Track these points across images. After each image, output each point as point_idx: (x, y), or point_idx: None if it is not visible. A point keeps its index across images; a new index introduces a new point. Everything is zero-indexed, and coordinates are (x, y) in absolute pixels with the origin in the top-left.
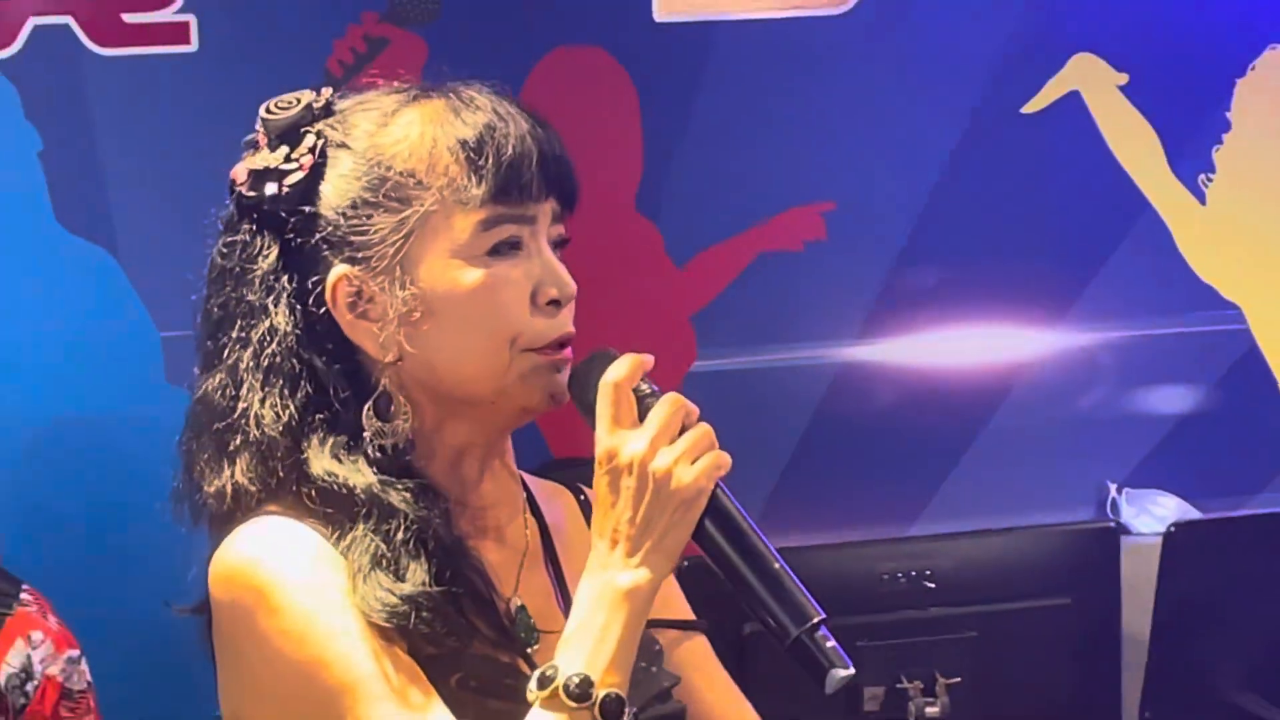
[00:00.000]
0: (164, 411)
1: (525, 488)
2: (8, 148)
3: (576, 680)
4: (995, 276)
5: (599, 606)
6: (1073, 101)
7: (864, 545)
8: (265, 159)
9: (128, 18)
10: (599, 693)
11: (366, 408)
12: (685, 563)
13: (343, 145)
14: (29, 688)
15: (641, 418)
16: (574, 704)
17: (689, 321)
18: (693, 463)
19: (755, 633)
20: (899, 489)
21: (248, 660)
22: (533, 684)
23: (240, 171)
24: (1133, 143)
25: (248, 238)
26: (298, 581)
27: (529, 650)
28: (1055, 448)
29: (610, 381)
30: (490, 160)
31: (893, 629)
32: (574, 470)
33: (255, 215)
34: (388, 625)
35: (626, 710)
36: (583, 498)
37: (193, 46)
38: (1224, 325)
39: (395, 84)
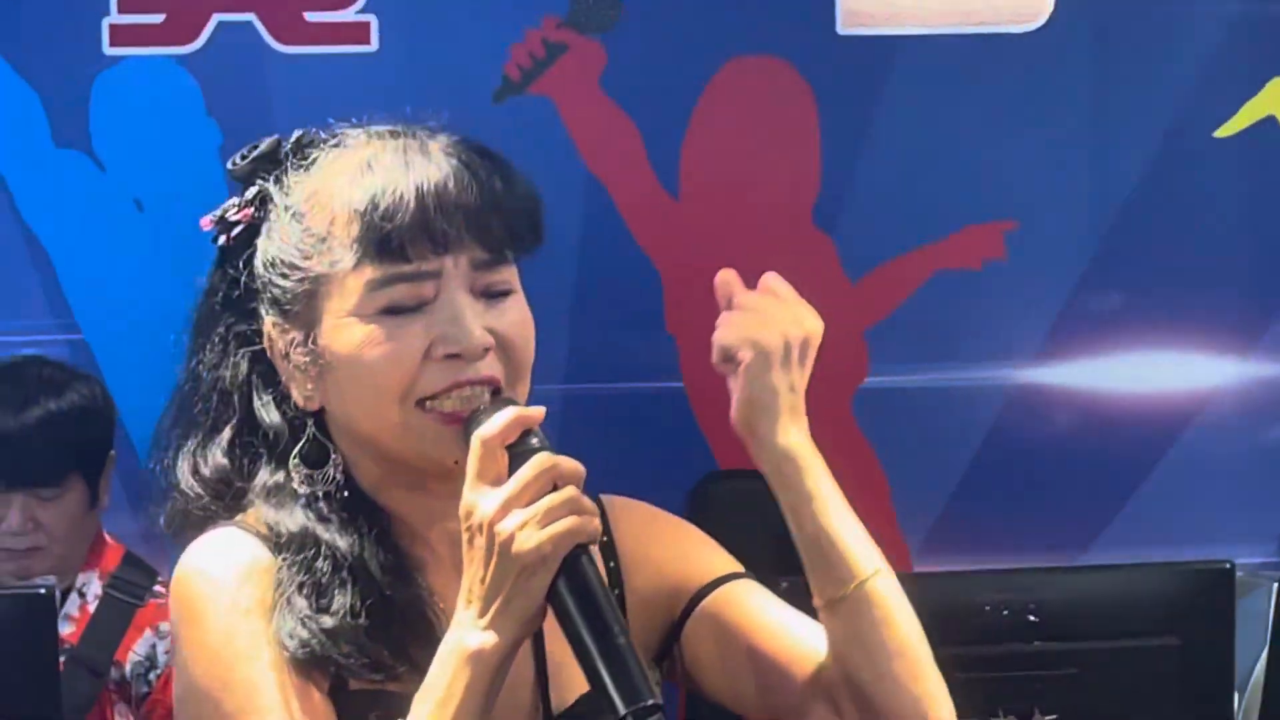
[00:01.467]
0: None
1: None
2: (189, 142)
3: None
4: (1181, 302)
5: (446, 666)
6: (1269, 126)
7: (967, 576)
8: (224, 207)
9: (310, 16)
10: None
11: (294, 454)
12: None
13: (278, 199)
14: (152, 676)
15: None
16: None
17: (862, 337)
18: (543, 528)
19: None
20: (1071, 516)
21: (176, 662)
22: None
23: (206, 220)
24: None
25: (216, 280)
26: (223, 602)
27: None
28: (1237, 481)
29: (478, 436)
30: (381, 218)
31: (993, 662)
32: (735, 482)
33: (220, 261)
34: (300, 654)
35: None
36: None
37: (373, 46)
38: None
39: (349, 126)
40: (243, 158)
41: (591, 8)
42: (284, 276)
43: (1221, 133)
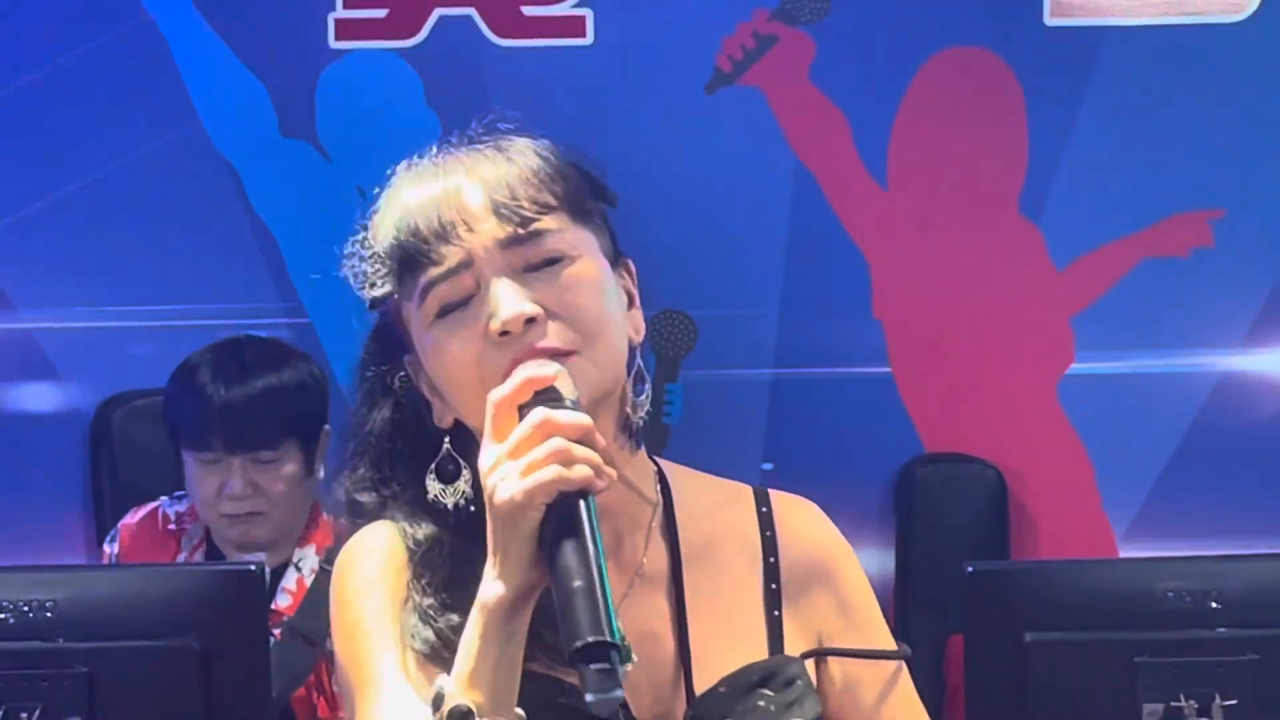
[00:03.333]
0: None
1: (669, 504)
2: (410, 133)
3: (434, 691)
4: None
5: (471, 618)
6: None
7: (1148, 562)
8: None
9: (527, 10)
10: (447, 706)
11: (430, 470)
12: (970, 568)
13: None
14: None
15: None
16: (432, 714)
17: (1069, 324)
18: (522, 478)
19: (1036, 641)
20: (1277, 502)
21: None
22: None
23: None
24: None
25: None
26: (360, 587)
27: (621, 670)
28: None
29: (490, 398)
30: (401, 241)
31: (1173, 647)
32: (940, 466)
33: (379, 316)
34: (419, 650)
35: (456, 712)
36: (765, 509)
37: (588, 40)
38: None
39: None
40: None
41: (802, 0)
42: (397, 316)
43: None
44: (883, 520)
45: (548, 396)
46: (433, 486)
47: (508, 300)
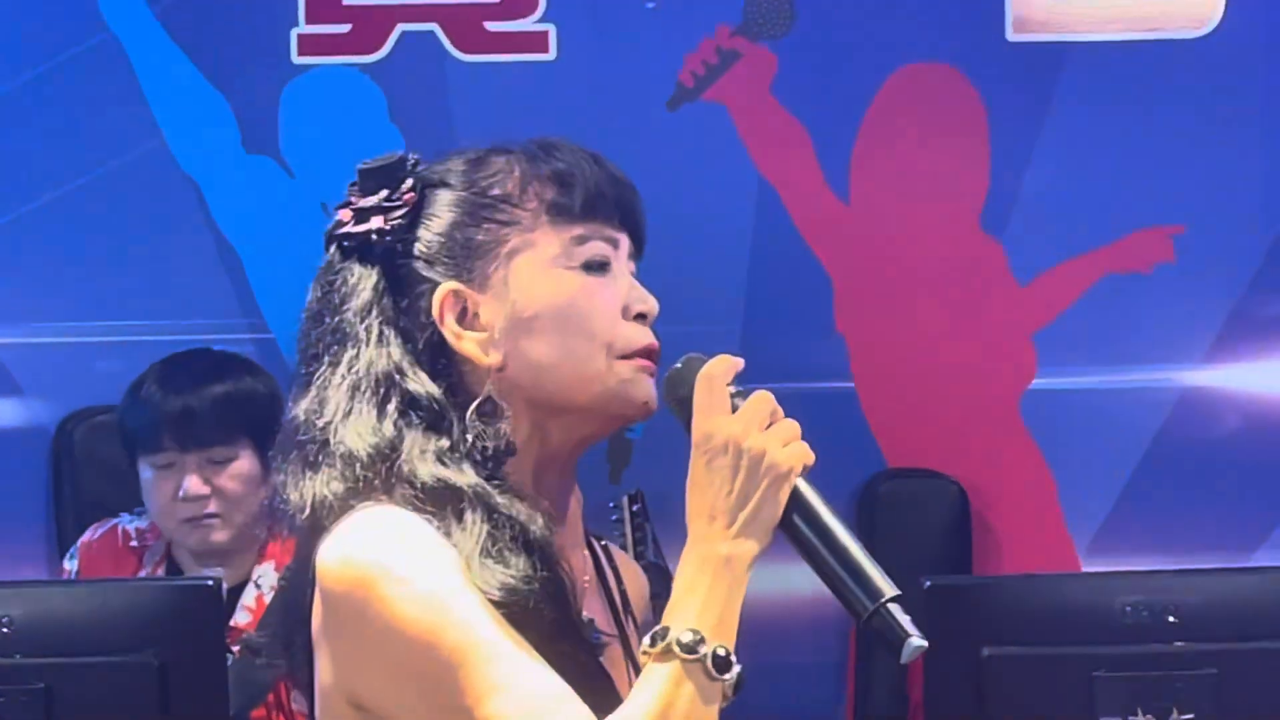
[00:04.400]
0: None
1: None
2: (374, 148)
3: (689, 636)
4: None
5: (703, 574)
6: None
7: (1106, 577)
8: (366, 200)
9: (490, 25)
10: (709, 648)
11: (470, 411)
12: (927, 584)
13: (440, 183)
14: None
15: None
16: (687, 656)
17: (1030, 339)
18: (784, 446)
19: (994, 656)
20: (1239, 518)
21: (368, 640)
22: (645, 643)
23: (345, 213)
24: None
25: (347, 275)
26: (415, 557)
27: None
28: None
29: (706, 374)
30: (580, 184)
31: (1131, 662)
32: (903, 481)
33: (357, 252)
34: (502, 604)
35: (734, 667)
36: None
37: (551, 55)
38: None
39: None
40: (373, 161)
41: (764, 16)
42: (469, 239)
43: None
44: None
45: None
46: (474, 426)
47: (648, 292)
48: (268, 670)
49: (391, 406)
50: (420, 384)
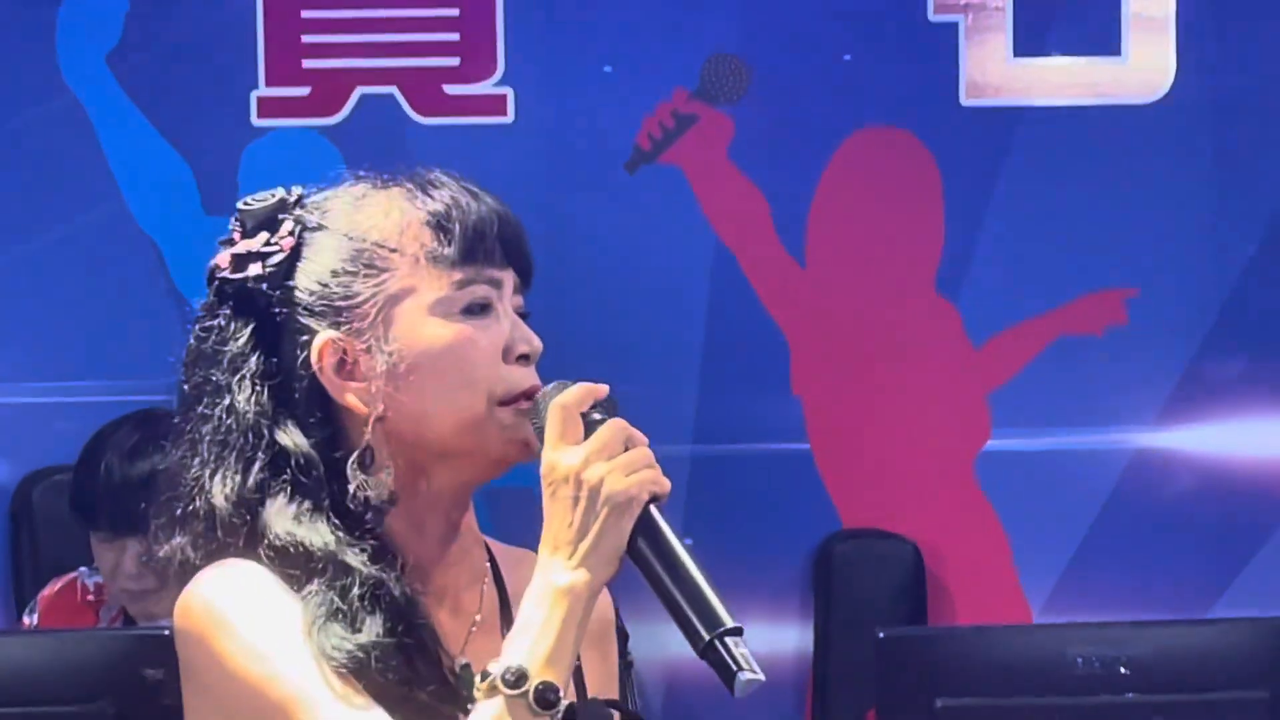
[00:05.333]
0: None
1: (490, 555)
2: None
3: (514, 671)
4: None
5: (538, 607)
6: None
7: (1059, 629)
8: (246, 244)
9: (449, 89)
10: (534, 682)
11: (351, 462)
12: (881, 635)
13: (319, 227)
14: None
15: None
16: (510, 691)
17: (985, 400)
18: (627, 475)
19: (947, 707)
20: (1192, 579)
21: (206, 684)
22: (476, 681)
23: (223, 257)
24: None
25: (223, 321)
26: (252, 606)
27: (470, 707)
28: None
29: (558, 403)
30: (458, 227)
31: (1083, 713)
32: (858, 542)
33: (234, 299)
34: (343, 670)
35: (561, 701)
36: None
37: (509, 118)
38: None
39: (358, 176)
40: (255, 201)
41: (721, 80)
42: (347, 287)
43: None
44: (802, 595)
45: (602, 408)
46: (356, 477)
47: (530, 332)
48: None
49: (258, 464)
50: (290, 438)
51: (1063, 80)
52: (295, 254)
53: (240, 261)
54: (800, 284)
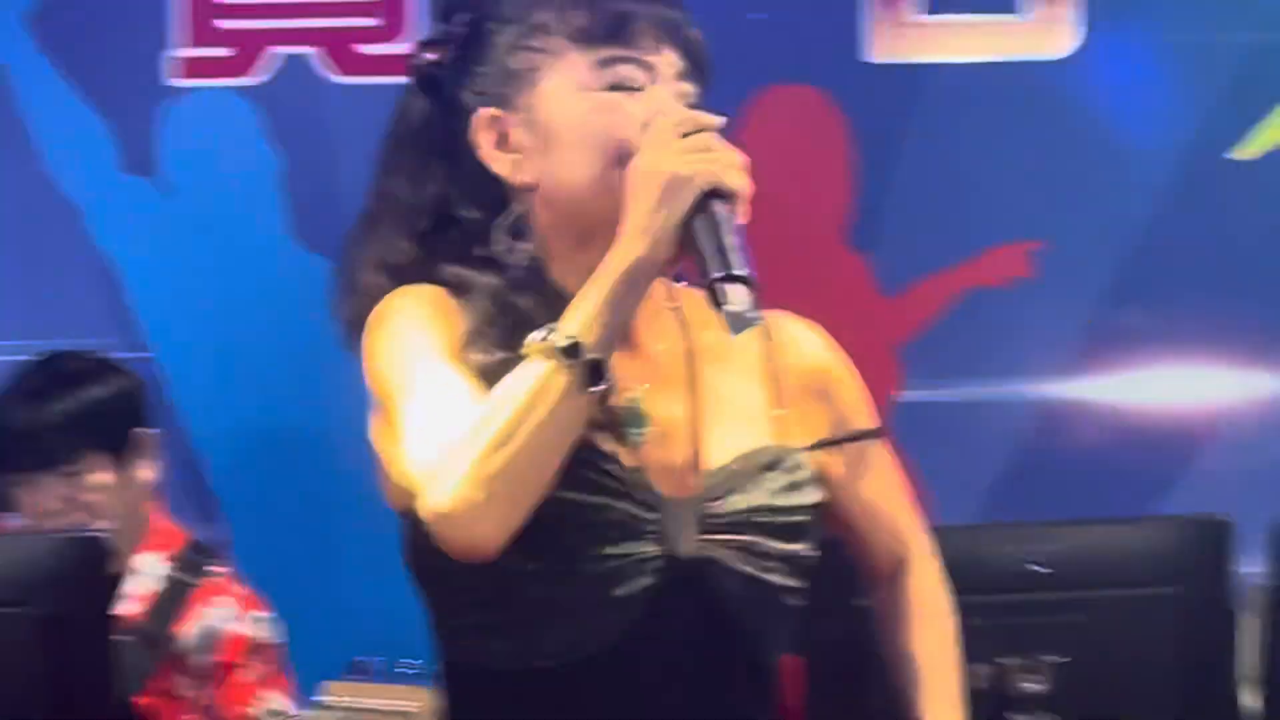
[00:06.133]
0: None
1: (677, 306)
2: (250, 168)
3: (567, 340)
4: (1205, 318)
5: (594, 283)
6: None
7: (978, 530)
8: (431, 32)
9: (365, 49)
10: (559, 340)
11: (496, 223)
12: None
13: (491, 14)
14: (211, 643)
15: None
16: (564, 360)
17: (895, 352)
18: (681, 158)
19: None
20: None
21: (368, 368)
22: (529, 338)
23: (414, 44)
24: None
25: (411, 98)
26: (411, 316)
27: (637, 434)
28: (1261, 490)
29: (656, 122)
30: (607, 7)
31: (1002, 610)
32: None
33: (420, 82)
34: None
35: (583, 355)
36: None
37: None
38: None
39: None
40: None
41: None
42: (506, 65)
43: (1238, 154)
44: None
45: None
46: (502, 241)
47: (690, 111)
48: (152, 656)
49: (424, 227)
50: (453, 207)
51: (968, 38)
52: (469, 37)
53: (423, 46)
54: None
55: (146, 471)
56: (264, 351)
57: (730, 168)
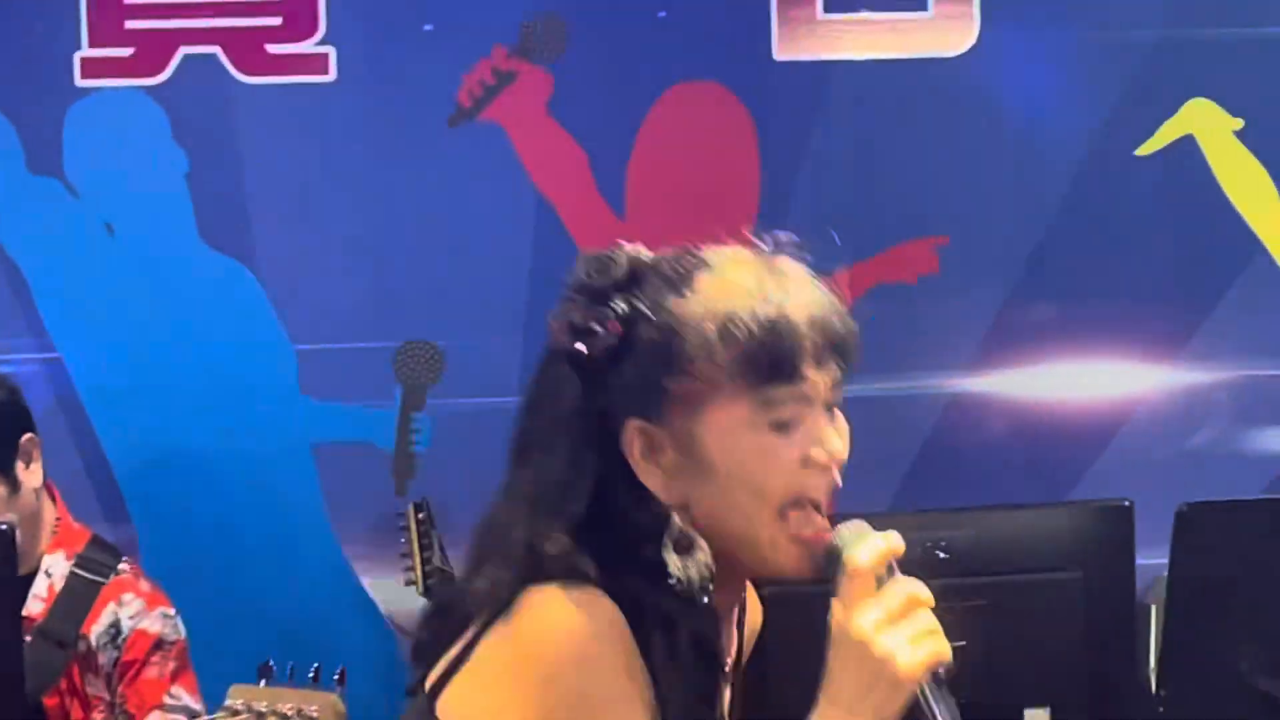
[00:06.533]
0: (296, 419)
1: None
2: (157, 168)
3: None
4: (1109, 313)
5: None
6: (1187, 145)
7: (880, 517)
8: (581, 317)
9: (271, 48)
10: None
11: (665, 545)
12: None
13: (646, 316)
14: (119, 641)
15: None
16: None
17: None
18: (916, 648)
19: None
20: None
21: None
22: None
23: (560, 326)
24: (1247, 186)
25: (557, 378)
26: (596, 658)
27: None
28: (1167, 484)
29: (854, 561)
30: (775, 344)
31: None
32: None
33: (569, 361)
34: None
35: None
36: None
37: (331, 77)
38: None
39: (694, 248)
40: (598, 272)
41: (539, 37)
42: (662, 383)
43: (1143, 151)
44: None
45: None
46: (672, 560)
47: (837, 440)
48: (60, 655)
49: (579, 517)
50: (628, 504)
51: (872, 35)
52: (622, 341)
53: (573, 335)
54: (619, 235)
55: (34, 476)
56: (172, 352)
57: (938, 647)
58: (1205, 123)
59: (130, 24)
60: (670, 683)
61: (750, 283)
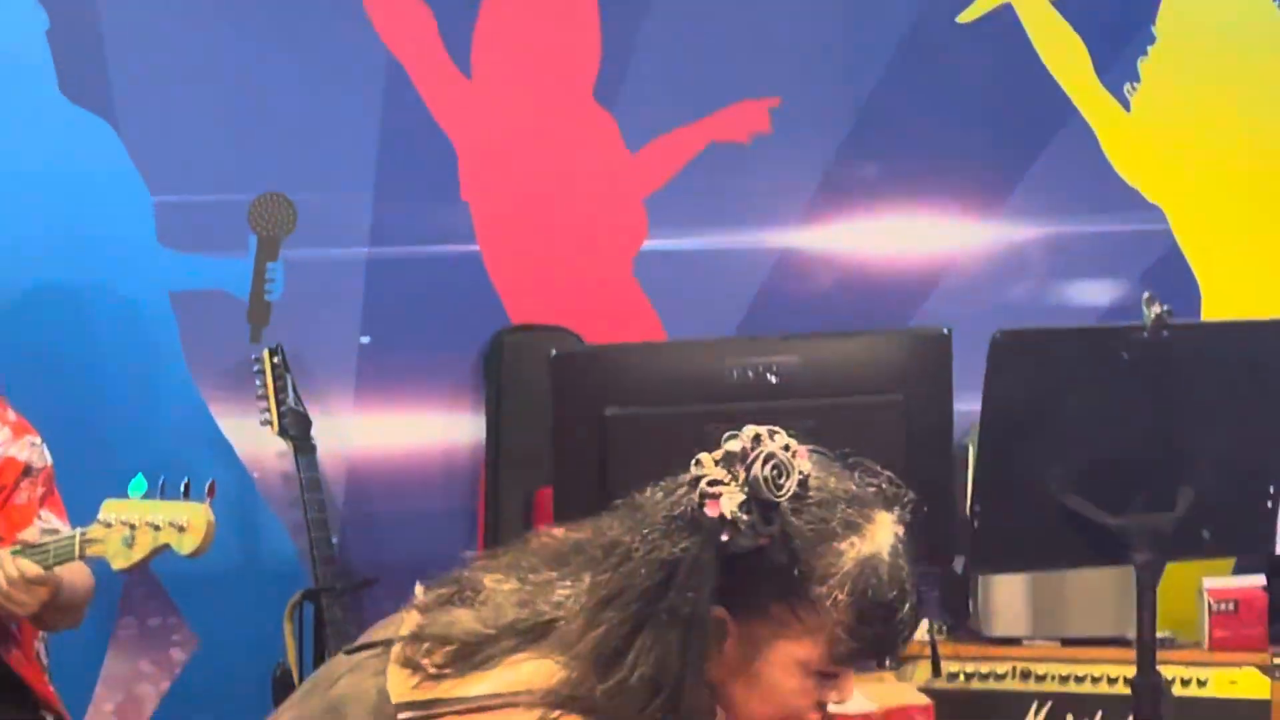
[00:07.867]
0: (154, 270)
1: None
2: (18, 26)
3: None
4: (931, 172)
5: None
6: (1006, 13)
7: (716, 343)
8: (737, 514)
9: None
10: None
11: (690, 685)
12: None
13: (790, 537)
14: None
15: None
16: None
17: (641, 204)
18: None
19: (615, 416)
20: None
21: None
22: None
23: (715, 508)
24: (1062, 52)
25: (683, 543)
26: None
27: None
28: (983, 336)
29: None
30: (892, 640)
31: (739, 417)
32: (523, 334)
33: (698, 531)
34: None
35: None
36: None
37: None
38: (1147, 225)
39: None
40: (773, 483)
41: None
42: (764, 596)
43: (964, 18)
44: (474, 387)
45: None
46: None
47: (850, 688)
48: None
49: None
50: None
51: None
52: (761, 548)
53: (722, 524)
54: (467, 95)
55: None
56: (35, 203)
57: None
58: None
59: None
60: None
61: (898, 574)
